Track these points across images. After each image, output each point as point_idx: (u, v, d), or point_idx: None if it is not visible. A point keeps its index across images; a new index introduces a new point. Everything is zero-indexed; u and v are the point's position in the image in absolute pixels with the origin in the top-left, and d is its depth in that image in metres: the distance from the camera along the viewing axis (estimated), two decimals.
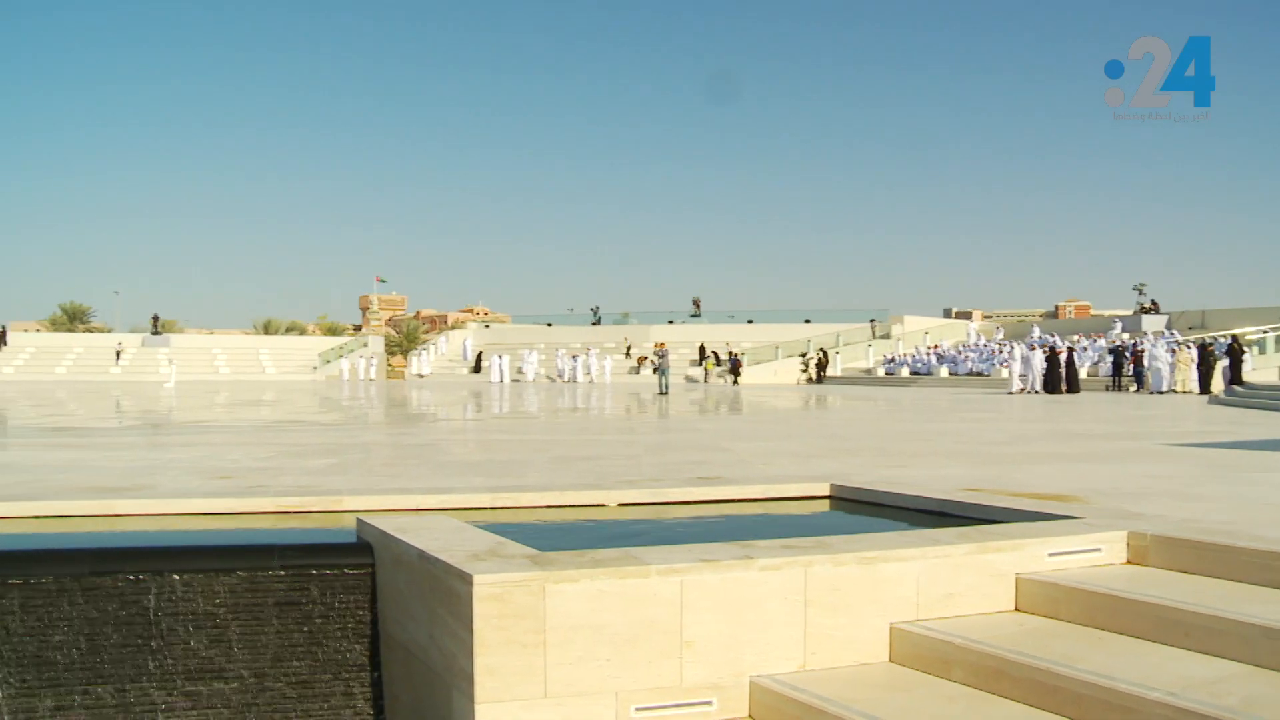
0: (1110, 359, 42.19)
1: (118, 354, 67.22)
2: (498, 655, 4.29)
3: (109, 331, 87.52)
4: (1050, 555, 5.34)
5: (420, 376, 65.85)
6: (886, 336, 62.80)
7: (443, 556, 4.64)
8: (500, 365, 57.89)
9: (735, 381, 53.10)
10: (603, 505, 7.66)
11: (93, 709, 5.34)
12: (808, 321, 66.49)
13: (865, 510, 7.54)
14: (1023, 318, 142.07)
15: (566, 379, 57.65)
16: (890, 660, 4.89)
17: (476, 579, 4.26)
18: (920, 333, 62.92)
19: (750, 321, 69.09)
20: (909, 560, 5.01)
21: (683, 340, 62.91)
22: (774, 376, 56.36)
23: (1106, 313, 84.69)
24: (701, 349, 59.70)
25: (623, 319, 73.49)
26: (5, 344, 68.66)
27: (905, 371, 54.15)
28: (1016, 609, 5.19)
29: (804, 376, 55.75)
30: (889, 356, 58.29)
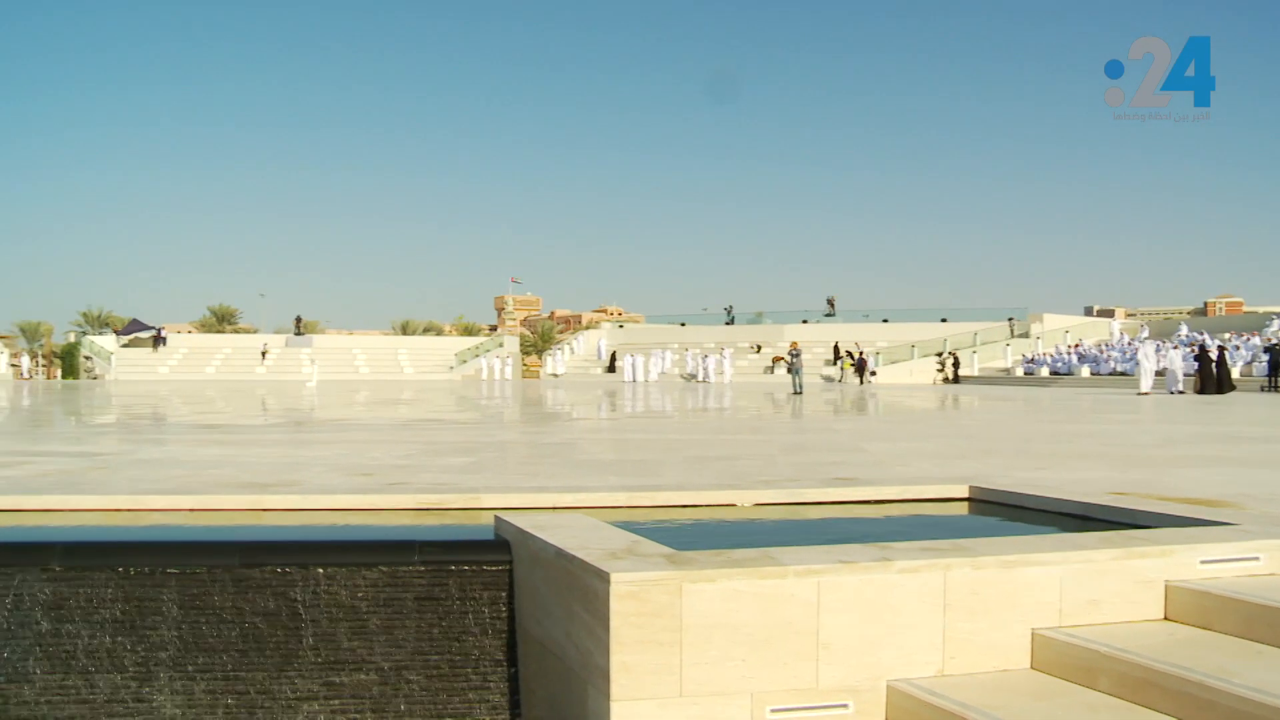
0: (1266, 358, 40.49)
1: (263, 354, 69.24)
2: (634, 653, 4.31)
3: (255, 332, 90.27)
4: (1202, 563, 5.13)
5: (555, 376, 66.52)
6: (1025, 335, 61.35)
7: (580, 554, 4.68)
8: (634, 365, 58.14)
9: (862, 381, 52.46)
10: (737, 505, 7.64)
11: (242, 695, 5.51)
12: (944, 320, 65.30)
13: (1004, 513, 7.36)
14: (1169, 315, 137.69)
15: (699, 379, 57.59)
16: (1032, 667, 4.77)
17: (614, 577, 4.29)
18: (1060, 331, 61.34)
19: (885, 321, 68.12)
20: (1052, 565, 4.87)
21: (817, 340, 62.26)
22: (909, 376, 55.51)
23: (1261, 309, 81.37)
24: (836, 348, 59.10)
25: (756, 318, 73.11)
26: (164, 344, 71.38)
27: (1044, 371, 52.86)
28: (1165, 618, 5.00)
29: (939, 376, 54.85)
30: (1028, 356, 56.95)
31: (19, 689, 5.53)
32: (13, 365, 70.83)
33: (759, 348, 64.73)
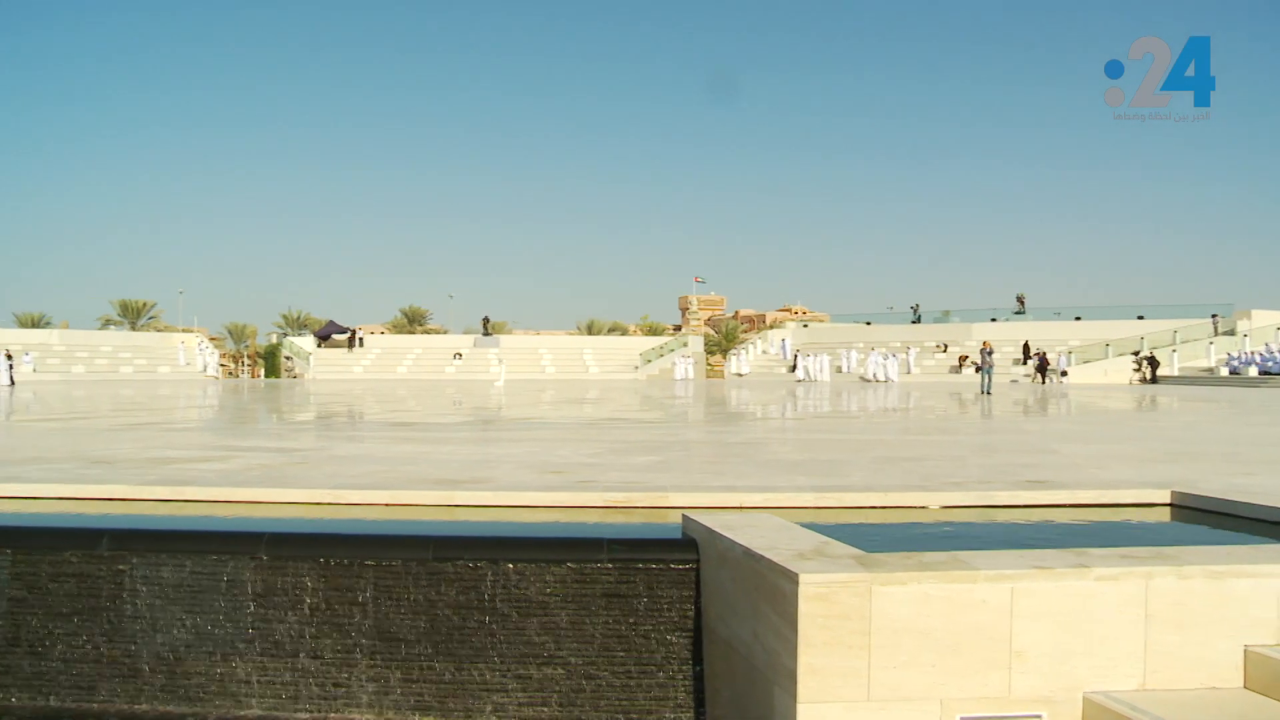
0: None
1: (457, 355, 70.95)
2: (821, 655, 4.27)
3: (445, 333, 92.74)
4: None
5: (739, 376, 66.38)
6: (1231, 333, 58.23)
7: (768, 555, 4.66)
8: (811, 364, 57.69)
9: (1044, 381, 50.77)
10: (925, 507, 7.50)
11: (434, 684, 5.67)
12: (1140, 318, 62.52)
13: (1211, 521, 7.00)
14: None
15: (884, 378, 56.71)
16: (1245, 687, 4.51)
17: (802, 578, 4.26)
18: (1271, 328, 57.97)
19: (1078, 318, 65.62)
20: (1268, 577, 4.60)
21: (1006, 338, 60.42)
22: (1103, 376, 53.42)
23: None
24: (1025, 348, 57.38)
25: (943, 317, 71.44)
26: (359, 345, 73.98)
27: (1253, 371, 50.01)
28: None
29: (1136, 376, 52.60)
30: (1233, 354, 54.07)
31: (231, 668, 5.82)
32: (221, 365, 74.40)
33: (944, 347, 63.37)
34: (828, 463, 10.46)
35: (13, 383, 49.57)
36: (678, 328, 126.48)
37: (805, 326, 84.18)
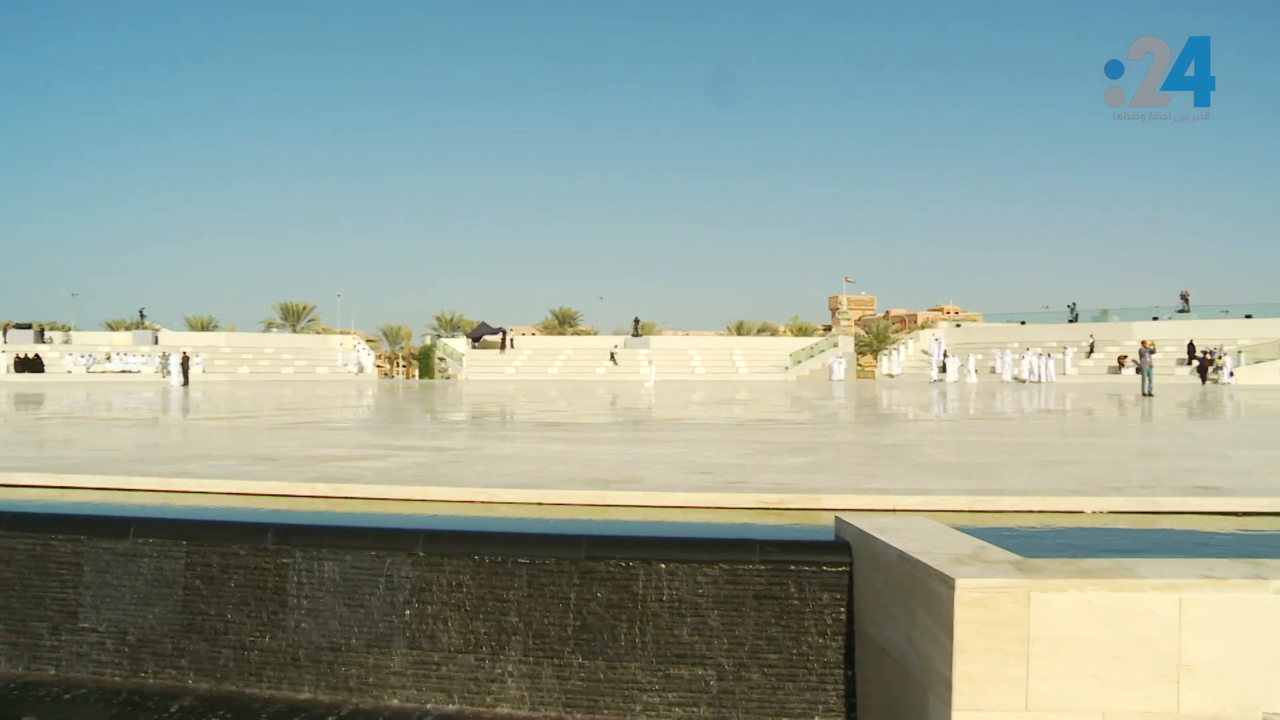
0: None
1: (612, 357, 71.49)
2: (978, 662, 4.18)
3: (595, 334, 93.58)
4: None
5: (890, 377, 65.53)
6: None
7: (923, 559, 4.58)
8: (953, 365, 56.67)
9: (1204, 381, 48.71)
10: (1084, 512, 7.27)
11: (585, 681, 5.71)
12: None
13: None
14: None
15: (1038, 379, 55.26)
16: None
17: (959, 583, 4.17)
18: None
19: (1248, 316, 62.78)
20: None
21: (1168, 338, 58.06)
22: (1277, 377, 51.11)
23: None
24: (1190, 347, 55.22)
25: (1101, 315, 69.14)
26: (512, 346, 75.16)
27: None
28: None
29: None
30: None
31: (388, 659, 5.96)
32: (377, 365, 76.41)
33: (1091, 347, 61.36)
34: (981, 465, 10.23)
35: (186, 383, 51.82)
36: (828, 328, 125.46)
37: (958, 326, 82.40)
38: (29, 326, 72.51)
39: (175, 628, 6.38)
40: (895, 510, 6.95)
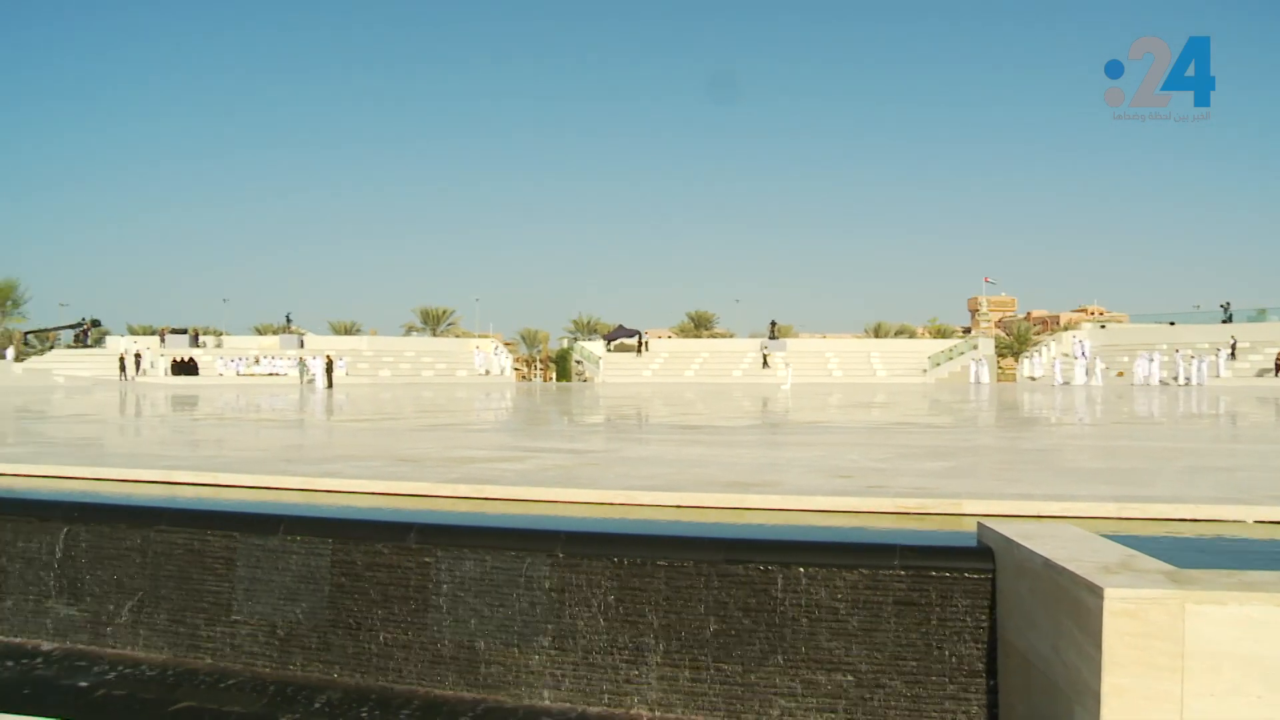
0: None
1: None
2: (1128, 676, 4.04)
3: (731, 337, 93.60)
4: None
5: (1032, 380, 64.10)
6: None
7: (1070, 566, 4.45)
8: (1099, 368, 55.18)
9: None
10: (1243, 522, 6.99)
11: (722, 685, 5.70)
12: None
13: None
14: None
15: (1183, 382, 53.47)
16: None
17: (1107, 593, 4.04)
18: None
19: None
20: None
21: None
22: None
23: None
24: None
25: (1259, 315, 66.48)
26: (647, 350, 75.56)
27: None
28: None
29: None
30: None
31: (527, 659, 6.04)
32: (515, 368, 77.49)
33: (1233, 349, 59.03)
34: (1129, 471, 9.93)
35: (330, 386, 53.30)
36: (967, 330, 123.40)
37: (1103, 328, 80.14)
38: (184, 331, 75.60)
39: (321, 622, 6.56)
40: (1039, 516, 6.79)
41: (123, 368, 64.01)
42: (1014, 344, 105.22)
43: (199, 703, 6.20)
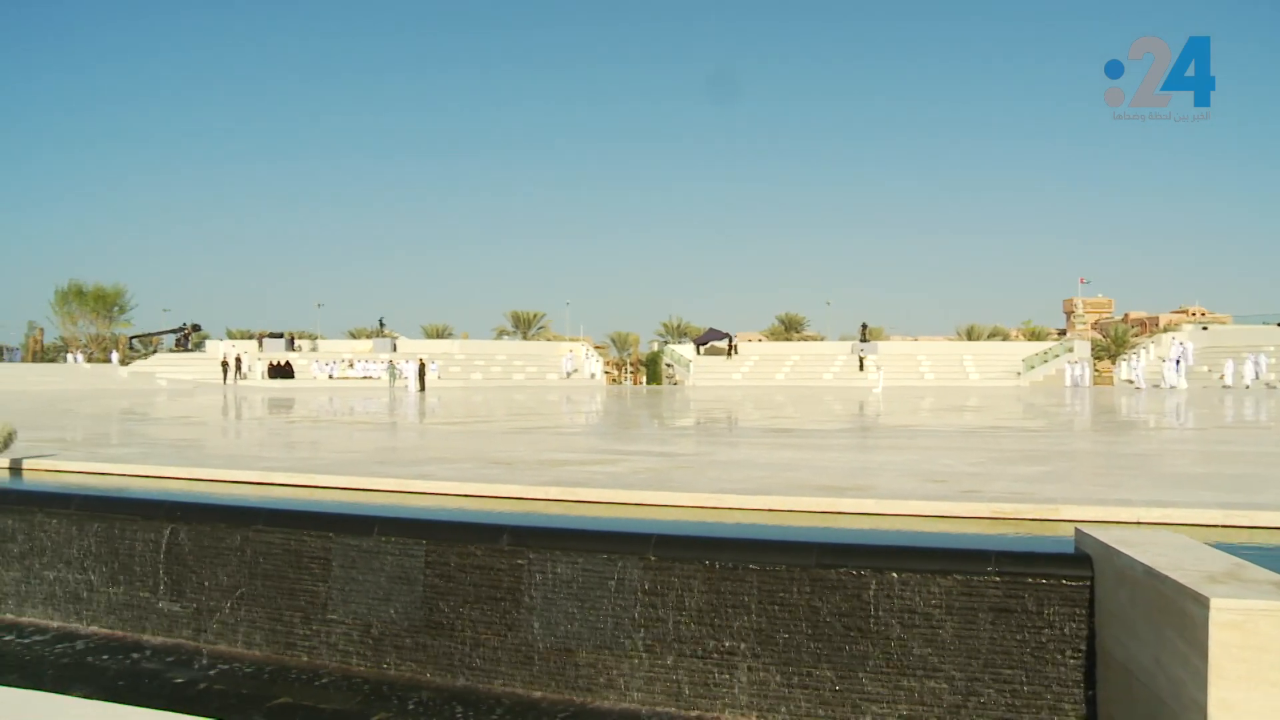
0: None
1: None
2: (1236, 690, 3.92)
3: (821, 340, 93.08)
4: None
5: (1129, 383, 62.77)
6: None
7: (1173, 575, 4.34)
8: (1170, 371, 53.99)
9: None
10: None
11: (814, 690, 5.66)
12: None
13: None
14: None
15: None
16: None
17: (1214, 603, 3.93)
18: None
19: None
20: None
21: None
22: None
23: None
24: None
25: None
26: (736, 353, 75.43)
27: None
28: None
29: None
30: None
31: (618, 661, 6.05)
32: (605, 371, 77.87)
33: None
34: (1235, 477, 9.66)
35: (423, 388, 53.95)
36: (1062, 332, 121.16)
37: (1204, 329, 78.18)
38: (281, 335, 77.22)
39: (415, 623, 6.63)
40: (1139, 523, 6.66)
41: (225, 371, 65.44)
42: (1111, 346, 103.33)
43: (295, 699, 6.31)
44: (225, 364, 65.81)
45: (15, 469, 10.38)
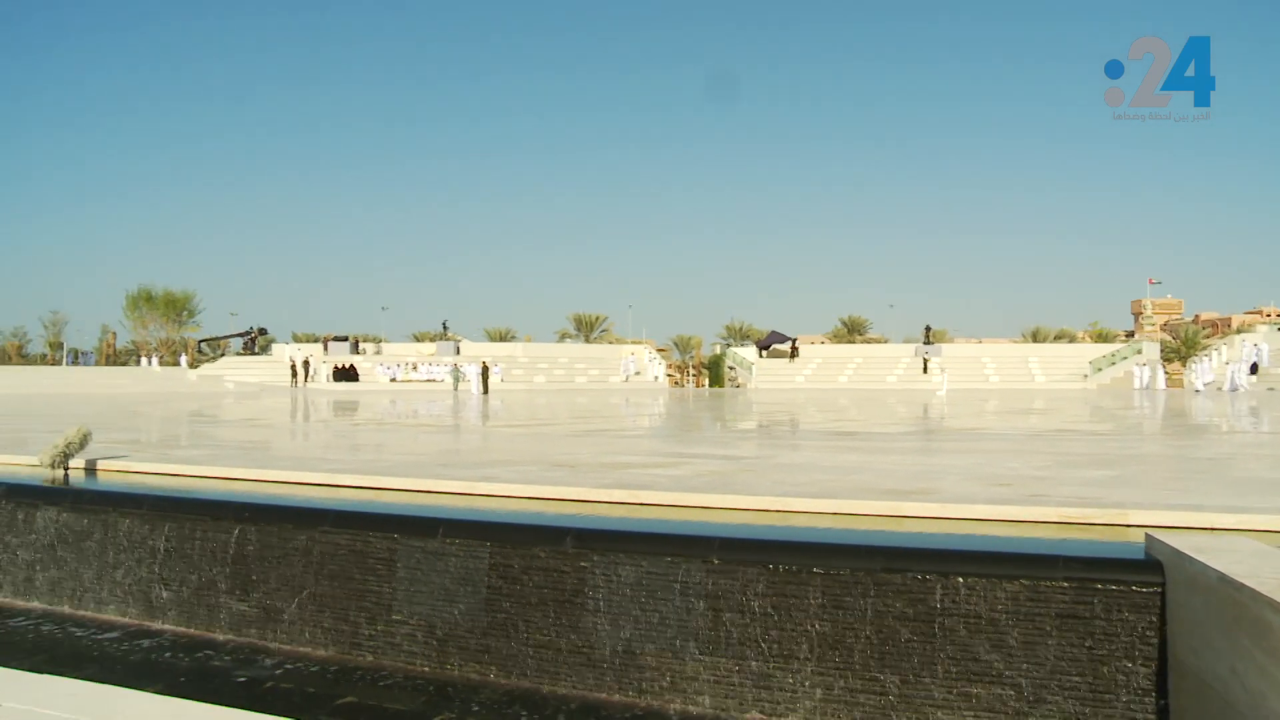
0: None
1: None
2: None
3: (885, 342, 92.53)
4: None
5: (1200, 385, 61.73)
6: None
7: (1249, 583, 4.25)
8: (1236, 372, 53.12)
9: None
10: None
11: (878, 695, 5.62)
12: None
13: None
14: None
15: None
16: None
17: None
18: None
19: None
20: None
21: None
22: None
23: None
24: None
25: None
26: (798, 355, 75.18)
27: None
28: None
29: None
30: None
31: (681, 665, 6.04)
32: (667, 374, 77.95)
33: None
34: None
35: (486, 391, 54.31)
36: (1130, 334, 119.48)
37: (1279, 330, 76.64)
38: (345, 339, 78.03)
39: (479, 624, 6.67)
40: (1212, 529, 6.53)
41: (295, 374, 66.24)
42: (1181, 348, 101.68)
43: (360, 699, 6.37)
44: (295, 367, 66.62)
45: (90, 469, 10.59)
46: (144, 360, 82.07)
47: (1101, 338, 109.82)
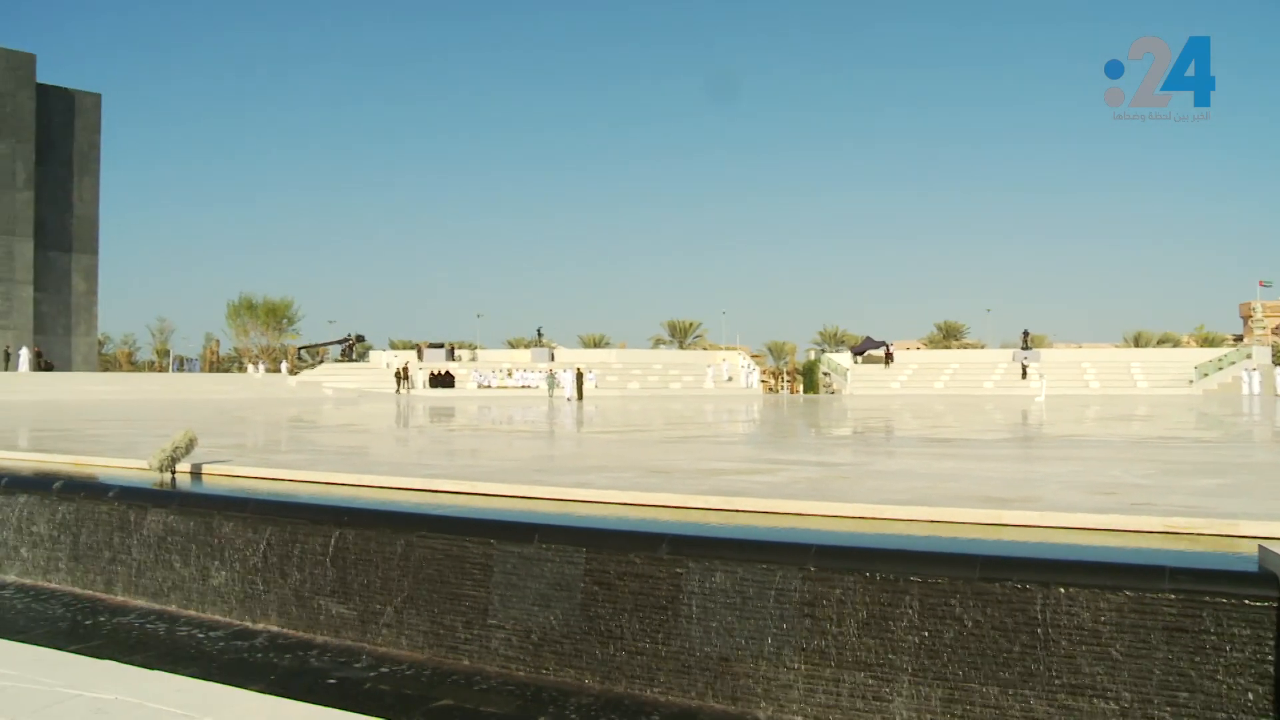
0: None
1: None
2: None
3: (982, 348, 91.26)
4: None
5: None
6: None
7: None
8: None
9: None
10: None
11: (976, 707, 5.54)
12: None
13: None
14: None
15: None
16: None
17: None
18: None
19: None
20: None
21: None
22: None
23: None
24: None
25: None
26: (892, 361, 74.46)
27: None
28: None
29: None
30: None
31: (777, 672, 6.01)
32: (761, 381, 77.67)
33: None
34: None
35: (580, 397, 54.59)
36: (1239, 338, 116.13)
37: None
38: (441, 346, 79.03)
39: (574, 629, 6.70)
40: None
41: (398, 380, 67.07)
42: None
43: (456, 701, 6.44)
44: (398, 374, 67.54)
45: (196, 473, 10.86)
46: (249, 367, 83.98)
47: (1208, 342, 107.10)
